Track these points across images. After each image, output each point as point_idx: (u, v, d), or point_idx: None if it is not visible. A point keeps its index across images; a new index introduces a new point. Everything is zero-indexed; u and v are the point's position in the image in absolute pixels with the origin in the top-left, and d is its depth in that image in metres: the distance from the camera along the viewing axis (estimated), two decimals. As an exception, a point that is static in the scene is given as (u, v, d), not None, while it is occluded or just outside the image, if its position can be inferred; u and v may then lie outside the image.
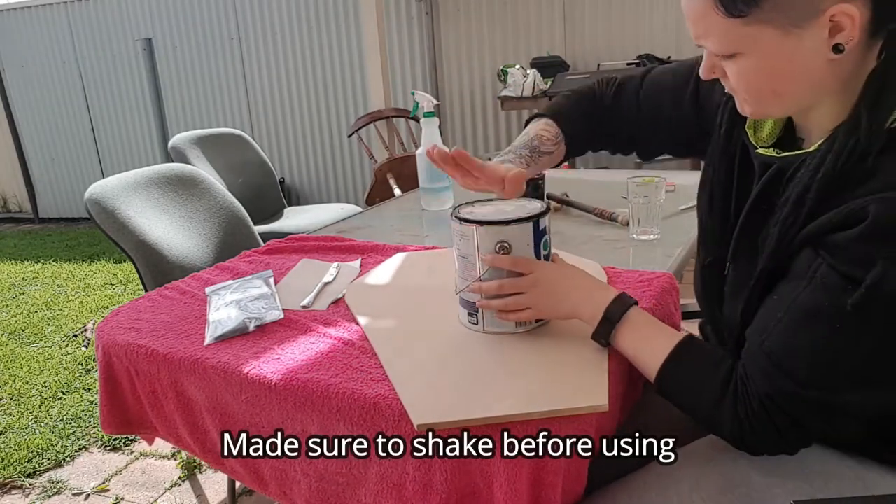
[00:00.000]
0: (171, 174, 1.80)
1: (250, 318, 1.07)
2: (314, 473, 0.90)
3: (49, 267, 4.35)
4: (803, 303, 0.71)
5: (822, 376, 0.70)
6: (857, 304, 0.66)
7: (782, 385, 0.72)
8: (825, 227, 0.69)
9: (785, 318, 0.73)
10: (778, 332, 0.73)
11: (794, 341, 0.72)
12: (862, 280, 0.65)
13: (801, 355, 0.71)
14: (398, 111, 3.86)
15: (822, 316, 0.69)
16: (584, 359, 0.89)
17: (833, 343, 0.69)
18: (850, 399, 0.70)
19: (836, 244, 0.68)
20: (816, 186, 0.71)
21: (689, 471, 0.84)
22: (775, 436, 0.74)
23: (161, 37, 5.17)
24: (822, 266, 0.70)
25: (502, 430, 0.76)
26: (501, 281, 0.92)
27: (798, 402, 0.72)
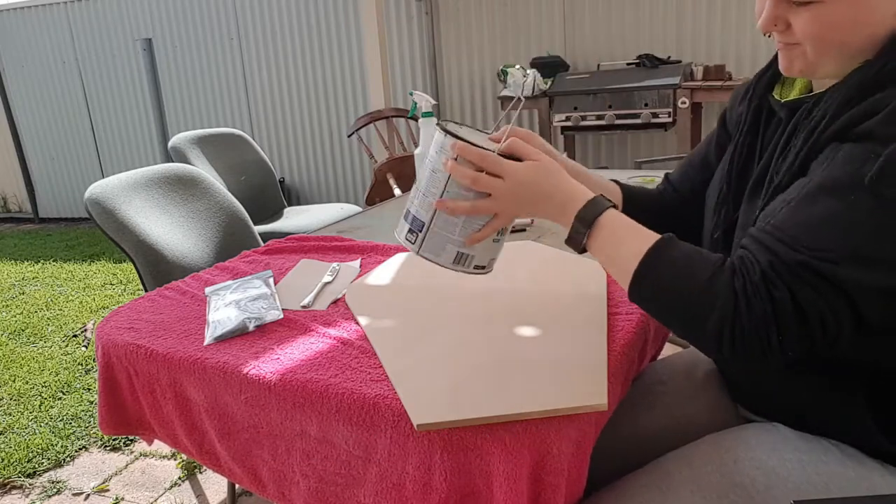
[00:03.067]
0: (171, 174, 1.80)
1: (250, 318, 1.07)
2: (313, 474, 0.90)
3: (49, 267, 4.35)
4: (819, 180, 0.70)
5: (828, 245, 0.67)
6: (875, 176, 0.65)
7: (785, 253, 0.68)
8: (849, 122, 0.70)
9: (796, 198, 0.71)
10: (786, 211, 0.71)
11: (803, 214, 0.69)
12: (882, 151, 0.65)
13: (808, 225, 0.69)
14: (398, 111, 3.86)
15: (836, 187, 0.68)
16: (584, 358, 0.89)
17: (843, 215, 0.67)
18: (852, 275, 0.66)
19: (861, 132, 0.69)
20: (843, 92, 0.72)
21: (689, 472, 0.84)
22: (770, 318, 0.67)
23: (161, 37, 5.17)
24: (844, 147, 0.70)
25: (502, 430, 0.76)
26: (479, 174, 0.83)
27: (800, 270, 0.67)
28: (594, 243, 0.80)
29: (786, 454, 0.81)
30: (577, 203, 0.81)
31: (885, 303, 0.68)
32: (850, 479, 0.78)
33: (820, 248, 0.67)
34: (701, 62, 3.51)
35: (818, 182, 0.70)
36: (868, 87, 0.72)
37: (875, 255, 0.66)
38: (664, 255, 0.75)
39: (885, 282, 0.67)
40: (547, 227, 1.53)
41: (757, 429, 0.87)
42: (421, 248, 0.89)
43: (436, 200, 0.86)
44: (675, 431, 1.01)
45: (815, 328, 0.67)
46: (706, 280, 0.71)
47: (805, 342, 0.68)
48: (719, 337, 0.69)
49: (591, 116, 3.46)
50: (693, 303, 0.71)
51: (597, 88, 3.44)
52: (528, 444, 0.75)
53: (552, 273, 1.20)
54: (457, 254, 0.88)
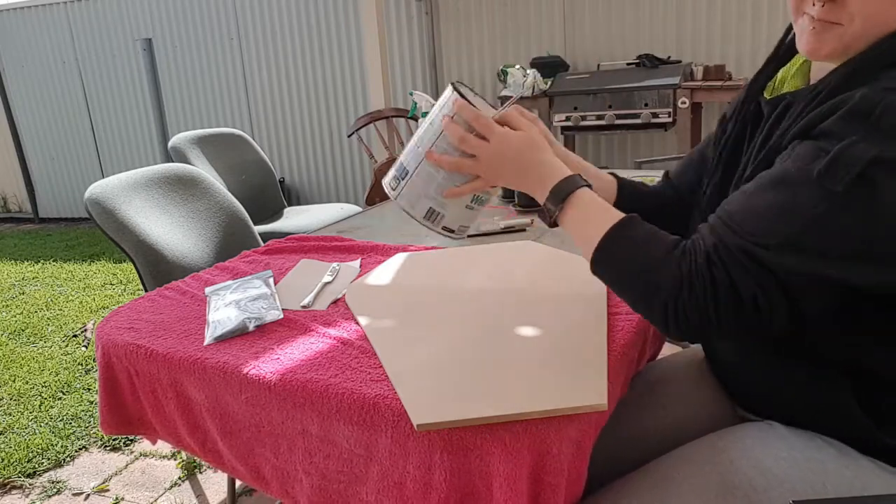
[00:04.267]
0: (171, 174, 1.80)
1: (250, 318, 1.07)
2: (316, 472, 0.90)
3: (49, 267, 4.36)
4: (772, 172, 0.73)
5: (767, 232, 0.70)
6: (822, 171, 0.68)
7: (728, 238, 0.72)
8: (813, 120, 0.73)
9: (751, 188, 0.74)
10: (739, 198, 0.75)
11: (752, 202, 0.73)
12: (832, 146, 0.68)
13: (754, 212, 0.72)
14: (398, 111, 3.86)
15: (785, 179, 0.71)
16: (584, 358, 0.89)
17: (789, 205, 0.70)
18: (784, 261, 0.69)
19: (820, 130, 0.71)
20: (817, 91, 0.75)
21: (687, 472, 0.84)
22: (710, 297, 0.70)
23: (161, 37, 5.17)
24: (801, 144, 0.73)
25: (502, 430, 0.76)
26: (466, 134, 0.86)
27: (739, 254, 0.70)
28: (564, 218, 0.85)
29: (782, 453, 0.81)
30: (553, 178, 0.85)
31: (821, 293, 0.71)
32: (846, 477, 0.78)
33: (760, 234, 0.70)
34: (701, 62, 3.51)
35: (772, 174, 0.74)
36: (837, 88, 0.74)
37: (810, 245, 0.69)
38: (625, 233, 0.79)
39: (816, 270, 0.69)
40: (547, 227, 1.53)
41: (753, 428, 0.87)
42: (399, 195, 0.92)
43: (426, 151, 0.88)
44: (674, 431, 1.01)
45: (749, 310, 0.71)
46: (658, 260, 0.75)
47: (742, 322, 0.71)
48: (665, 313, 0.73)
49: (591, 116, 3.46)
50: (644, 280, 0.75)
51: (597, 88, 3.44)
52: (528, 444, 0.75)
53: (552, 273, 1.20)
54: (429, 209, 0.91)
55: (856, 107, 0.69)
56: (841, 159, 0.67)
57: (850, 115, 0.69)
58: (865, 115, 0.68)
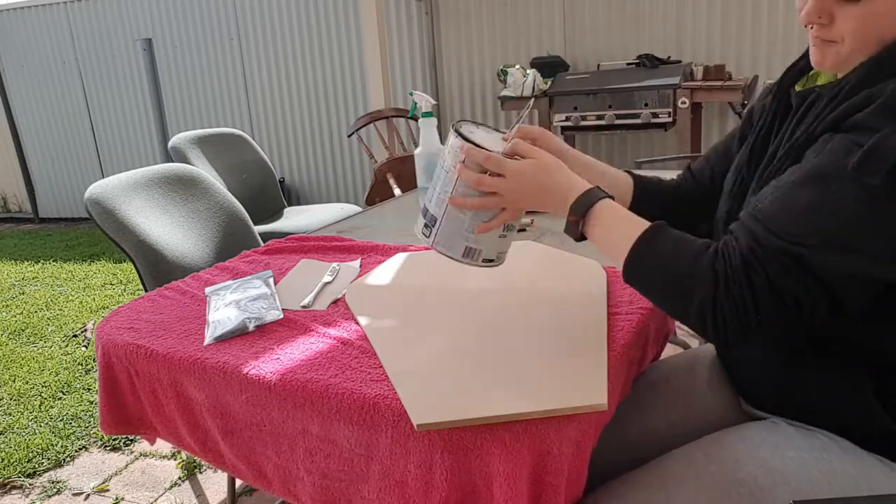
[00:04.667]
0: (171, 174, 1.80)
1: (250, 318, 1.07)
2: (317, 471, 0.90)
3: (49, 267, 4.36)
4: (806, 168, 0.73)
5: (805, 231, 0.70)
6: (857, 165, 0.67)
7: (765, 239, 0.71)
8: (844, 113, 0.72)
9: (784, 185, 0.74)
10: (773, 197, 0.74)
11: (788, 200, 0.72)
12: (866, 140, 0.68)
13: (791, 211, 0.71)
14: (398, 111, 3.86)
15: (821, 176, 0.70)
16: (584, 358, 0.89)
17: (824, 202, 0.69)
18: (825, 261, 0.69)
19: (851, 123, 0.71)
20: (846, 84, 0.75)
21: (691, 471, 0.84)
22: (749, 300, 0.70)
23: (161, 37, 5.17)
24: (835, 138, 0.72)
25: (502, 430, 0.76)
26: (482, 175, 0.88)
27: (778, 256, 0.70)
28: (589, 230, 0.85)
29: (787, 452, 0.81)
30: (572, 195, 0.86)
31: (863, 288, 0.70)
32: (851, 475, 0.78)
33: (798, 233, 0.70)
34: (701, 62, 3.51)
35: (806, 170, 0.73)
36: (864, 81, 0.74)
37: (850, 242, 0.68)
38: (653, 242, 0.79)
39: (859, 268, 0.69)
40: (547, 226, 1.54)
41: (758, 427, 0.87)
42: (434, 241, 0.95)
43: (448, 197, 0.91)
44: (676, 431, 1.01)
45: (791, 310, 0.70)
46: (690, 263, 0.74)
47: (782, 322, 0.71)
48: (702, 318, 0.73)
49: (591, 116, 3.46)
50: (678, 285, 0.75)
51: (597, 88, 3.44)
52: (528, 444, 0.75)
53: (552, 273, 1.20)
54: (465, 248, 0.93)
55: (888, 100, 0.69)
56: (877, 152, 0.67)
57: (883, 108, 0.69)
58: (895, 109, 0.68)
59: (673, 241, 0.78)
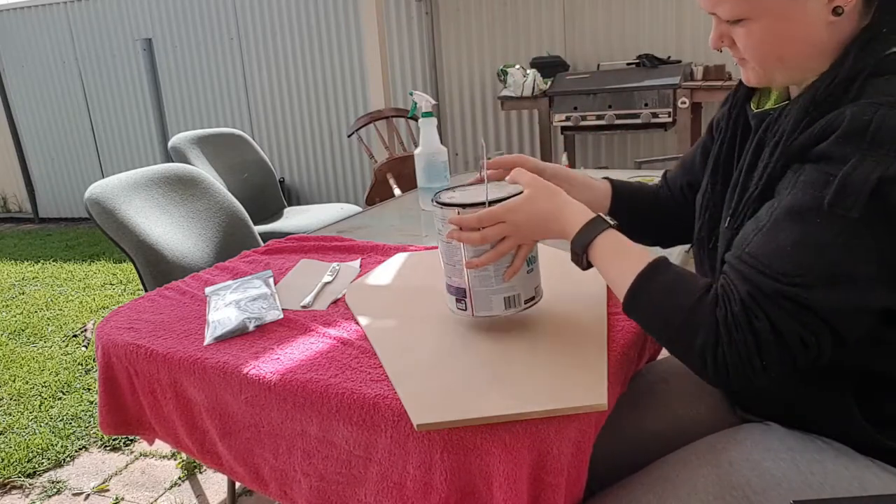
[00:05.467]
0: (171, 174, 1.80)
1: (250, 318, 1.07)
2: (314, 473, 0.90)
3: (49, 267, 4.36)
4: (785, 205, 0.72)
5: (800, 271, 0.69)
6: (832, 202, 0.68)
7: (763, 283, 0.70)
8: (807, 142, 0.73)
9: (766, 224, 0.73)
10: (758, 237, 0.73)
11: (775, 241, 0.72)
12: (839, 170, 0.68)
13: (781, 252, 0.70)
14: (398, 111, 3.86)
15: (802, 212, 0.70)
16: (584, 358, 0.89)
17: (811, 239, 0.69)
18: (826, 299, 0.68)
19: (818, 153, 0.71)
20: (799, 108, 0.76)
21: (686, 474, 0.84)
22: (752, 346, 0.69)
23: (161, 37, 5.17)
24: (805, 170, 0.72)
25: (502, 430, 0.76)
26: (484, 231, 0.89)
27: (778, 299, 0.69)
28: (594, 262, 0.86)
29: (780, 454, 0.81)
30: (574, 226, 0.87)
31: (863, 320, 0.70)
32: (845, 477, 0.78)
33: (794, 273, 0.69)
34: (701, 62, 3.51)
35: (785, 207, 0.72)
36: (820, 104, 0.74)
37: (842, 275, 0.68)
38: (654, 280, 0.79)
39: (857, 301, 0.69)
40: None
41: (751, 429, 0.87)
42: (474, 310, 0.96)
43: (464, 265, 0.93)
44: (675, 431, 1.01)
45: (796, 351, 0.70)
46: (690, 307, 0.74)
47: (787, 363, 0.70)
48: (703, 362, 0.72)
49: (591, 116, 3.46)
50: (678, 328, 0.74)
51: (597, 88, 3.44)
52: (528, 444, 0.75)
53: (552, 273, 1.20)
54: (504, 300, 0.94)
55: (849, 128, 0.69)
56: (848, 185, 0.67)
57: (846, 136, 0.69)
58: (861, 134, 0.68)
59: (673, 280, 0.78)
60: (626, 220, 1.02)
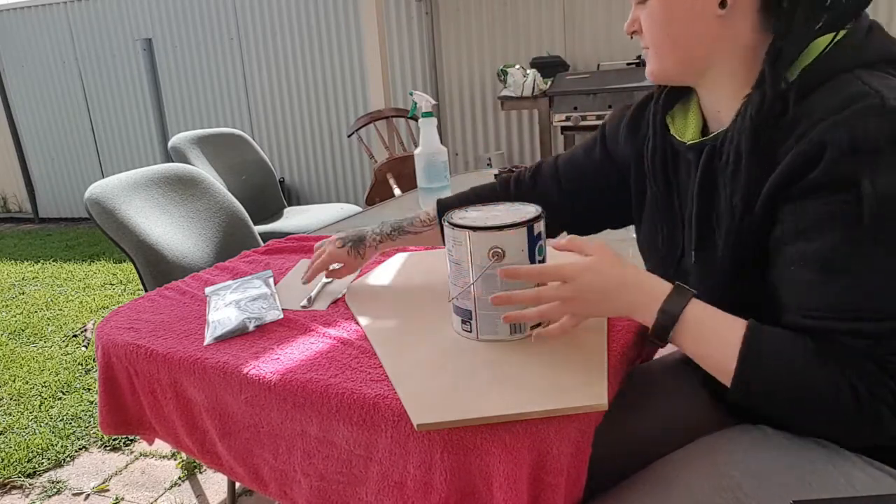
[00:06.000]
0: (171, 174, 1.80)
1: (250, 319, 1.07)
2: (314, 473, 0.90)
3: (49, 267, 4.36)
4: (817, 251, 0.70)
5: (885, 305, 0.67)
6: (875, 226, 0.66)
7: (871, 330, 0.68)
8: (789, 179, 0.72)
9: (815, 278, 0.70)
10: (819, 290, 0.70)
11: (838, 285, 0.69)
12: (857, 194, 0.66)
13: (864, 291, 0.68)
14: (398, 111, 3.86)
15: (845, 250, 0.68)
16: (584, 358, 0.89)
17: (875, 263, 0.67)
18: None
19: (812, 185, 0.70)
20: (746, 138, 0.76)
21: (682, 473, 0.84)
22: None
23: (161, 37, 5.18)
24: (810, 209, 0.70)
25: (502, 430, 0.76)
26: (539, 290, 0.84)
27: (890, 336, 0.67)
28: (678, 337, 0.79)
29: (772, 455, 0.81)
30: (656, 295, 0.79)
31: None
32: (834, 476, 0.78)
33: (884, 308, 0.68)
34: (701, 62, 3.51)
35: (821, 254, 0.70)
36: (762, 127, 0.75)
37: None
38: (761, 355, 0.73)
39: None
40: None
41: (742, 431, 0.87)
42: (479, 333, 0.95)
43: (472, 289, 0.92)
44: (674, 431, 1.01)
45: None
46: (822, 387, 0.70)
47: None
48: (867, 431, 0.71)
49: (591, 116, 3.46)
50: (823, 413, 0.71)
51: (597, 88, 3.44)
52: (528, 444, 0.75)
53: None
54: (510, 325, 0.94)
55: (840, 151, 0.67)
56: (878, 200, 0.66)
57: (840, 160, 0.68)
58: (853, 152, 0.67)
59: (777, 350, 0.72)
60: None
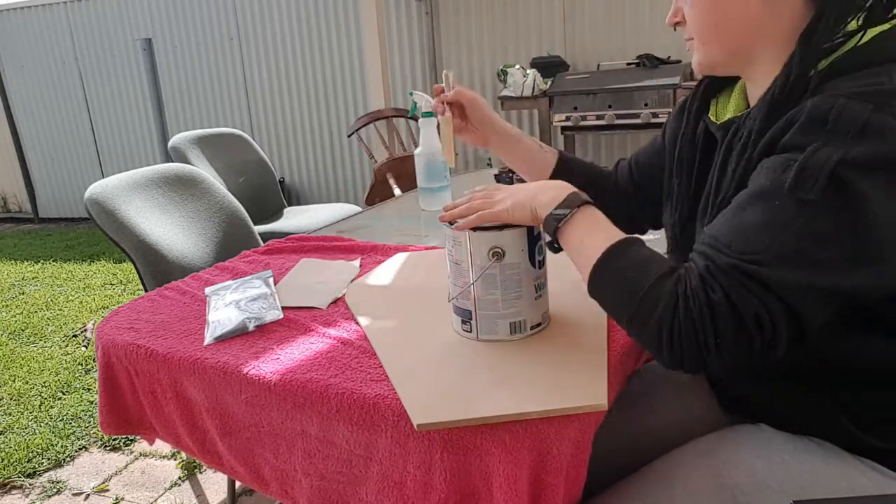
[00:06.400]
0: (171, 174, 1.80)
1: (250, 318, 1.07)
2: (315, 473, 0.90)
3: (49, 267, 4.35)
4: (748, 191, 0.73)
5: (755, 248, 0.69)
6: (792, 185, 0.68)
7: (718, 258, 0.70)
8: (774, 136, 0.74)
9: (729, 210, 0.74)
10: (720, 221, 0.74)
11: (734, 221, 0.72)
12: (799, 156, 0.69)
13: (739, 230, 0.71)
14: (398, 111, 3.86)
15: (762, 195, 0.71)
16: (584, 358, 0.89)
17: (768, 219, 0.69)
18: (778, 275, 0.67)
19: (782, 145, 0.72)
20: (761, 115, 0.77)
21: (680, 473, 0.84)
22: (707, 319, 0.68)
23: (161, 37, 5.17)
24: (769, 159, 0.73)
25: (502, 430, 0.76)
26: (474, 192, 0.94)
27: (734, 273, 0.68)
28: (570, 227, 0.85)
29: (771, 455, 0.81)
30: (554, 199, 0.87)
31: (823, 303, 0.69)
32: (834, 477, 0.79)
33: (748, 250, 0.69)
34: (701, 62, 3.51)
35: (747, 192, 0.73)
36: (781, 102, 0.76)
37: (801, 257, 0.68)
38: (625, 253, 0.78)
39: (815, 281, 0.68)
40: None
41: (742, 431, 0.87)
42: (479, 333, 0.95)
43: (472, 289, 0.93)
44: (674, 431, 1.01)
45: (750, 328, 0.68)
46: (652, 283, 0.73)
47: (742, 344, 0.69)
48: (659, 338, 0.71)
49: (591, 116, 3.46)
50: (639, 303, 0.73)
51: (597, 88, 3.44)
52: (528, 444, 0.75)
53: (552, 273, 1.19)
54: (510, 325, 0.94)
55: (810, 116, 0.70)
56: (807, 168, 0.67)
57: (807, 125, 0.70)
58: (822, 122, 0.69)
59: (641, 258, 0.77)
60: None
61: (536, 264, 0.93)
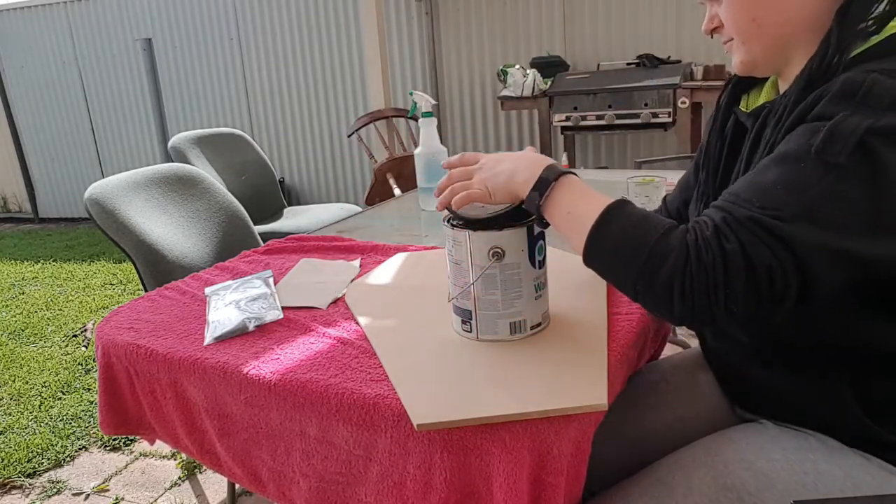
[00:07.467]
0: (171, 174, 1.80)
1: (250, 318, 1.07)
2: (314, 474, 0.90)
3: (49, 267, 4.36)
4: (773, 155, 0.74)
5: (777, 205, 0.68)
6: (820, 147, 0.68)
7: (738, 211, 0.70)
8: (804, 110, 0.74)
9: (753, 171, 0.74)
10: (742, 181, 0.74)
11: (756, 179, 0.72)
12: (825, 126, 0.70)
13: (761, 187, 0.70)
14: (398, 111, 3.86)
15: (788, 157, 0.71)
16: (584, 358, 0.89)
17: (793, 179, 0.69)
18: (799, 233, 0.67)
19: (812, 116, 0.73)
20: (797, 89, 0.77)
21: (681, 475, 0.84)
22: (720, 270, 0.67)
23: (161, 37, 5.17)
24: (798, 127, 0.74)
25: (502, 430, 0.76)
26: (451, 172, 0.94)
27: (751, 225, 0.68)
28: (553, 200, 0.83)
29: (774, 454, 0.81)
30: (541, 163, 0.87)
31: (836, 267, 0.69)
32: (837, 476, 0.78)
33: (770, 206, 0.69)
34: (701, 62, 3.50)
35: (773, 155, 0.73)
36: (818, 76, 0.76)
37: (822, 217, 0.67)
38: (622, 212, 0.76)
39: (833, 243, 0.67)
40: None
41: (746, 430, 0.87)
42: (479, 333, 0.95)
43: (472, 289, 0.92)
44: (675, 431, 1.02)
45: (761, 280, 0.67)
46: (658, 237, 0.71)
47: (751, 297, 0.68)
48: (670, 290, 0.69)
49: (591, 116, 3.46)
50: (645, 257, 0.71)
51: (597, 88, 3.44)
52: (528, 444, 0.75)
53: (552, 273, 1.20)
54: (510, 325, 0.94)
55: (841, 89, 0.71)
56: (836, 133, 0.68)
57: (838, 96, 0.70)
58: (852, 94, 0.70)
59: (641, 214, 0.76)
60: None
61: (536, 264, 0.93)
